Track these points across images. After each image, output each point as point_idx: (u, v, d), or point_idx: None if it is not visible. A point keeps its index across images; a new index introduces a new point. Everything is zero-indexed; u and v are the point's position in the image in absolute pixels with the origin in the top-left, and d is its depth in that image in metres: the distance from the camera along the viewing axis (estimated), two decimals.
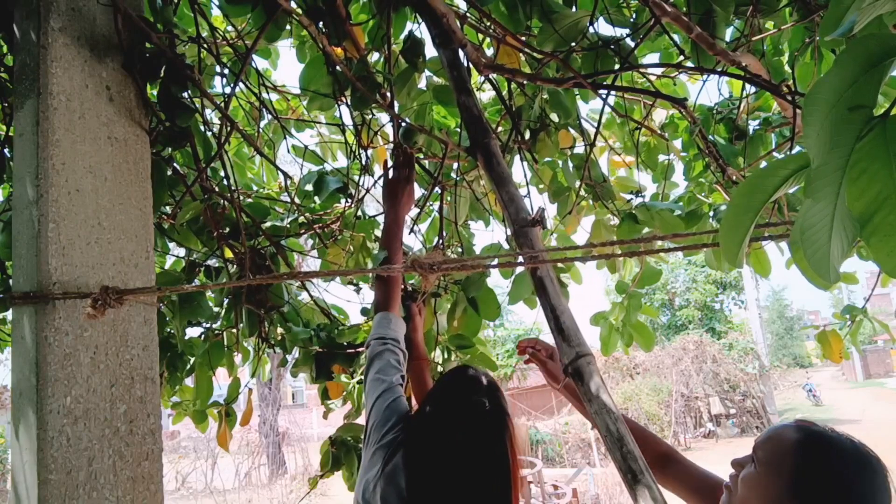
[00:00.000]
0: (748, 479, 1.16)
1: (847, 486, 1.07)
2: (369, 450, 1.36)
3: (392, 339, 1.53)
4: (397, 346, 1.53)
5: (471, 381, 1.33)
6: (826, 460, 1.10)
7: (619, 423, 0.96)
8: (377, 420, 1.38)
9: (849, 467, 1.09)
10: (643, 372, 17.50)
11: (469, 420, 1.26)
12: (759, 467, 1.16)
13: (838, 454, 1.10)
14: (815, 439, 1.13)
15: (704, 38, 1.47)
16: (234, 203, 1.78)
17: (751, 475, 1.16)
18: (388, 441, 1.34)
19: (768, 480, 1.13)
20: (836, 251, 0.52)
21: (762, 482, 1.13)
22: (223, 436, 2.25)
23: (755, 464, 1.17)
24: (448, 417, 1.28)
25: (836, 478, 1.08)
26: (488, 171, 1.38)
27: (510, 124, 2.05)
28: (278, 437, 15.99)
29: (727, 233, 0.61)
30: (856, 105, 0.50)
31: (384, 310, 1.60)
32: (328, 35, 1.71)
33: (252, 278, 1.80)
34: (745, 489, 1.16)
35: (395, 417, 1.37)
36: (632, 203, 2.30)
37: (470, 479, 1.21)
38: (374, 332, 1.55)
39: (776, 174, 0.59)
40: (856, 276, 2.27)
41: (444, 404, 1.32)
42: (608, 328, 2.40)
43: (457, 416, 1.27)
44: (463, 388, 1.32)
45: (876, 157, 0.49)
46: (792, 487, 1.09)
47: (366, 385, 1.47)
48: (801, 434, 1.14)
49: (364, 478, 1.32)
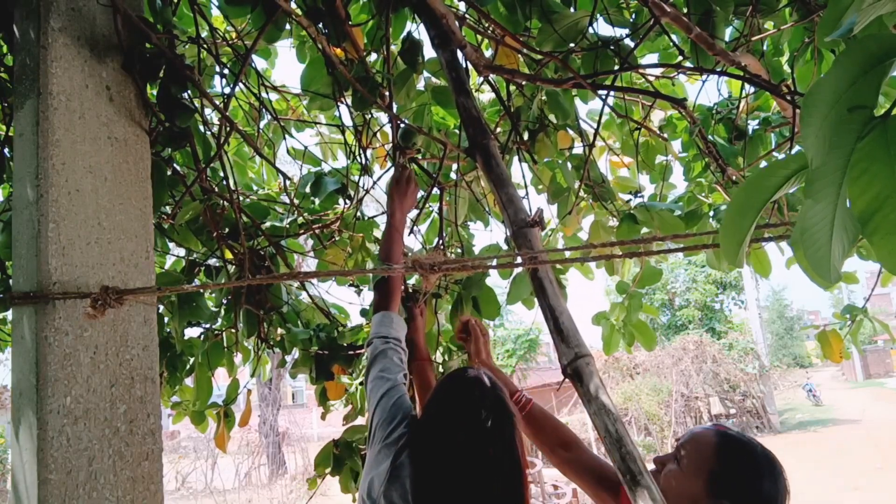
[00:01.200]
0: (669, 475, 1.29)
1: (758, 486, 1.22)
2: (374, 447, 1.36)
3: (394, 338, 1.53)
4: (399, 346, 1.53)
5: (472, 382, 1.33)
6: (742, 462, 1.25)
7: (617, 423, 0.96)
8: (382, 418, 1.38)
9: (760, 469, 1.24)
10: (643, 372, 17.48)
11: (472, 422, 1.26)
12: (681, 465, 1.28)
13: (751, 457, 1.25)
14: (732, 443, 1.28)
15: (704, 38, 1.47)
16: (233, 203, 1.78)
17: (673, 472, 1.29)
18: (394, 439, 1.33)
19: (689, 477, 1.26)
20: (837, 251, 0.52)
21: (683, 479, 1.26)
22: (221, 437, 2.25)
23: (677, 462, 1.29)
24: (451, 421, 1.28)
25: (749, 478, 1.23)
26: (487, 172, 1.38)
27: (509, 125, 2.05)
28: (278, 437, 15.98)
29: (727, 233, 0.61)
30: (856, 105, 0.50)
31: (384, 310, 1.60)
32: (328, 36, 1.71)
33: (251, 279, 1.80)
34: (667, 484, 1.27)
35: (400, 415, 1.37)
36: (631, 204, 2.30)
37: (475, 482, 1.21)
38: (376, 331, 1.54)
39: (776, 174, 0.59)
40: (856, 275, 2.27)
41: (446, 407, 1.31)
42: (609, 328, 2.40)
43: (460, 419, 1.27)
44: (465, 391, 1.32)
45: (877, 157, 0.49)
46: (711, 485, 1.23)
47: (368, 384, 1.47)
48: (721, 438, 1.29)
49: (369, 475, 1.32)
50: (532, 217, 1.24)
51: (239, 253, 1.95)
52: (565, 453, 1.54)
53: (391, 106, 1.81)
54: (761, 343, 19.55)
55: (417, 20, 1.84)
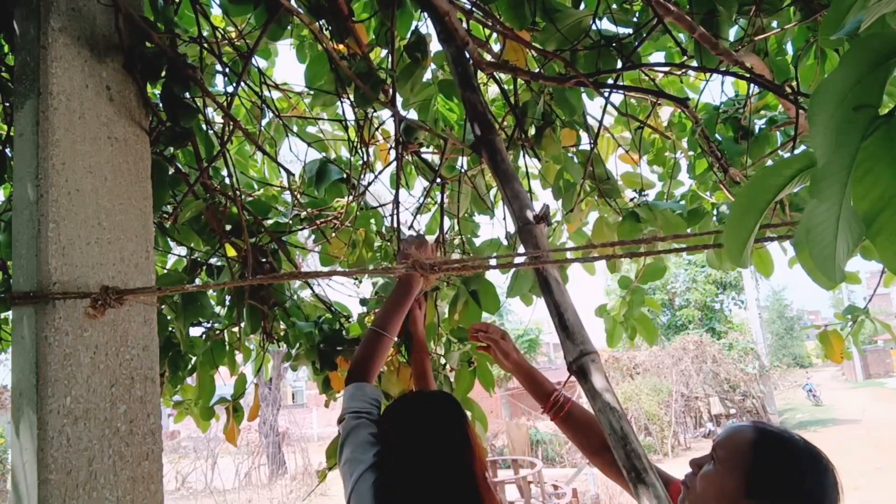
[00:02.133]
0: (707, 476, 1.22)
1: (799, 483, 1.14)
2: None
3: (366, 412, 1.47)
4: (371, 415, 1.47)
5: (428, 401, 1.36)
6: (780, 458, 1.17)
7: (622, 421, 0.96)
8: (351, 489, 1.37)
9: (801, 465, 1.16)
10: (643, 372, 17.48)
11: (429, 448, 1.29)
12: (717, 465, 1.21)
13: (791, 453, 1.17)
14: (770, 439, 1.20)
15: (707, 37, 1.46)
16: (235, 201, 1.78)
17: (709, 473, 1.22)
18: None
19: (726, 477, 1.18)
20: (842, 251, 0.52)
21: (720, 479, 1.19)
22: (231, 430, 2.25)
23: (714, 462, 1.22)
24: (411, 447, 1.30)
25: (789, 475, 1.15)
26: (493, 168, 1.38)
27: (515, 121, 2.05)
28: (278, 437, 15.98)
29: (731, 233, 0.60)
30: (861, 104, 0.50)
31: (358, 380, 1.53)
32: (331, 33, 1.71)
33: (253, 277, 1.79)
34: (704, 486, 1.21)
35: None
36: (634, 202, 2.30)
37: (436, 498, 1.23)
38: (347, 405, 1.48)
39: (781, 173, 0.58)
40: (858, 275, 2.26)
41: (404, 433, 1.34)
42: (612, 321, 2.40)
43: (417, 445, 1.30)
44: (418, 413, 1.35)
45: (881, 156, 0.48)
46: (748, 484, 1.15)
47: (341, 467, 1.42)
48: (758, 434, 1.21)
49: None
50: (537, 213, 1.23)
51: (242, 250, 1.95)
52: (609, 454, 1.45)
53: (394, 102, 1.80)
54: (761, 343, 19.54)
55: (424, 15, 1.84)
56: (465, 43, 1.57)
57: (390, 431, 1.37)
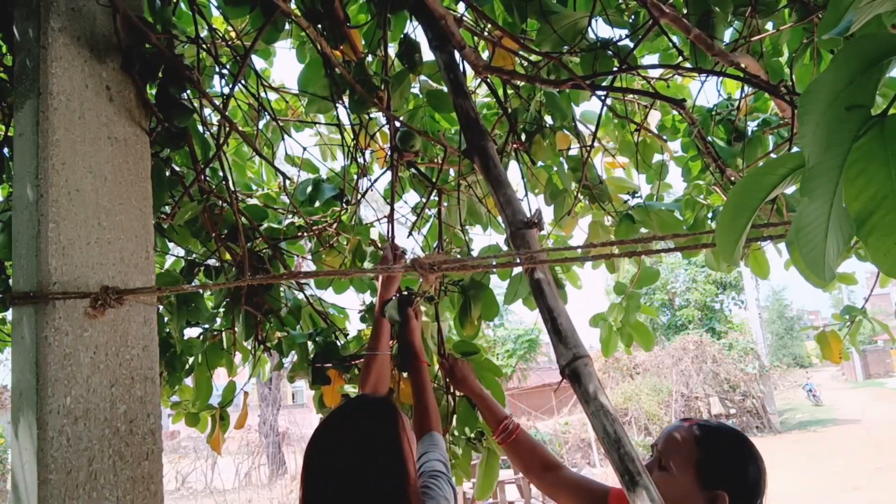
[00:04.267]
0: (660, 482, 1.24)
1: (745, 469, 1.23)
2: None
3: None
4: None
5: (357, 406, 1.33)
6: (723, 447, 1.26)
7: (616, 424, 0.96)
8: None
9: (742, 452, 1.25)
10: (643, 372, 17.47)
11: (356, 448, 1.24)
12: (666, 468, 1.27)
13: (732, 442, 1.27)
14: (710, 431, 1.28)
15: (703, 38, 1.47)
16: (232, 204, 1.78)
17: (662, 478, 1.26)
18: None
19: (677, 478, 1.25)
20: (832, 250, 0.52)
21: (672, 481, 1.25)
22: (216, 439, 2.24)
23: (661, 466, 1.28)
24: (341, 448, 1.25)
25: (735, 462, 1.24)
26: (485, 174, 1.39)
27: (506, 127, 2.05)
28: (278, 437, 15.97)
29: (724, 231, 0.61)
30: (853, 104, 0.50)
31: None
32: (326, 37, 1.71)
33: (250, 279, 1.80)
34: (661, 492, 1.22)
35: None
36: (628, 204, 2.30)
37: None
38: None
39: (773, 172, 0.59)
40: (854, 276, 2.26)
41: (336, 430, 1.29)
42: (608, 329, 2.40)
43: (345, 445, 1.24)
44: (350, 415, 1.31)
45: (874, 156, 0.49)
46: (700, 477, 1.22)
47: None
48: (698, 429, 1.29)
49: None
50: (530, 218, 1.24)
51: (238, 255, 1.95)
52: (549, 475, 1.55)
53: (389, 107, 1.81)
54: (761, 343, 19.51)
55: (415, 22, 1.84)
56: (462, 46, 1.57)
57: (320, 436, 1.31)
